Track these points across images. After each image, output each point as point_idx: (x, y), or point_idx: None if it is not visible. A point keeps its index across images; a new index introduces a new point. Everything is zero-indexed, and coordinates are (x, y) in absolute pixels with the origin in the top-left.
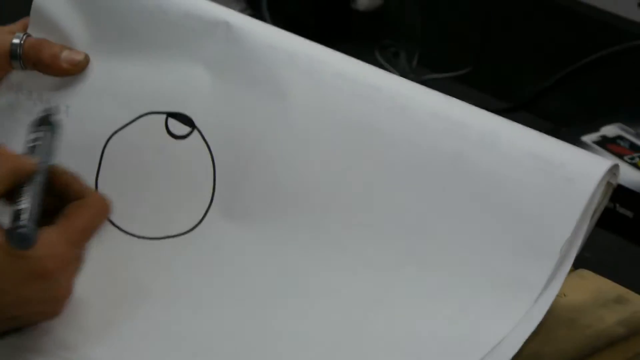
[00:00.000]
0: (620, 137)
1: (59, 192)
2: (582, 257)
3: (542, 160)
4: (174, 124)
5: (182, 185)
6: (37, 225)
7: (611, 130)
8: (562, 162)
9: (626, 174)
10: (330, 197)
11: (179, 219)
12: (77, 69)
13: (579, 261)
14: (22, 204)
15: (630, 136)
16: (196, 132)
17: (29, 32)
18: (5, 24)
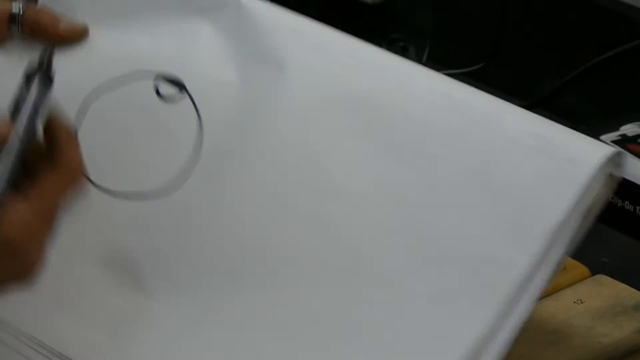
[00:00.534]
0: None
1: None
2: (600, 262)
3: (544, 140)
4: (165, 89)
5: (165, 147)
6: (5, 193)
7: (631, 129)
8: (565, 144)
9: None
10: (318, 170)
11: (157, 181)
12: (75, 37)
13: (596, 266)
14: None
15: None
16: (187, 99)
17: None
18: None
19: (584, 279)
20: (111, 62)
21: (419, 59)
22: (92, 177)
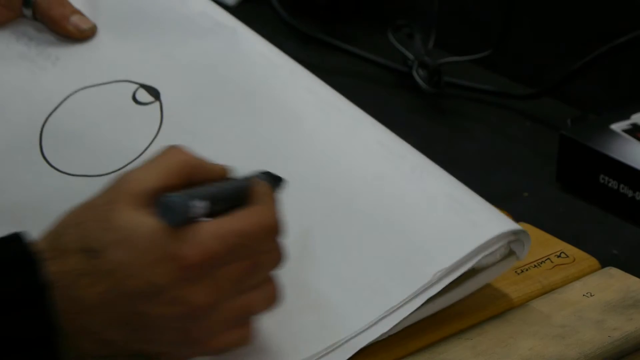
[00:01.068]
0: None
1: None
2: (610, 254)
3: (457, 202)
4: (142, 95)
5: (124, 141)
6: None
7: None
8: (474, 209)
9: None
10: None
11: (111, 167)
12: (82, 36)
13: (606, 258)
14: (195, 190)
15: None
16: (157, 104)
17: None
18: None
19: (594, 271)
20: (101, 69)
21: (425, 46)
22: (54, 161)
